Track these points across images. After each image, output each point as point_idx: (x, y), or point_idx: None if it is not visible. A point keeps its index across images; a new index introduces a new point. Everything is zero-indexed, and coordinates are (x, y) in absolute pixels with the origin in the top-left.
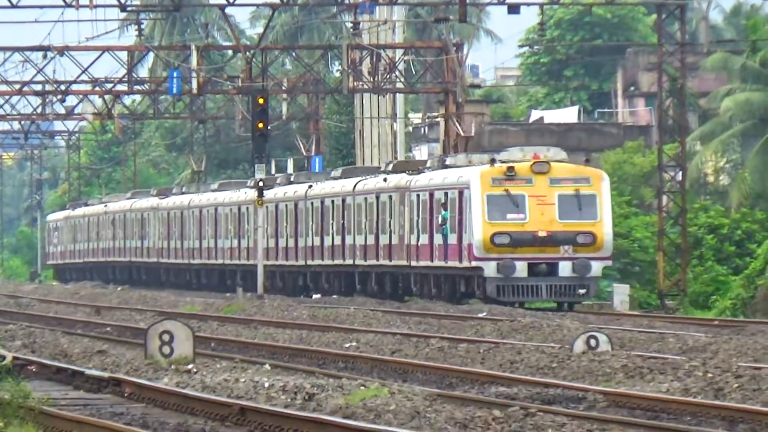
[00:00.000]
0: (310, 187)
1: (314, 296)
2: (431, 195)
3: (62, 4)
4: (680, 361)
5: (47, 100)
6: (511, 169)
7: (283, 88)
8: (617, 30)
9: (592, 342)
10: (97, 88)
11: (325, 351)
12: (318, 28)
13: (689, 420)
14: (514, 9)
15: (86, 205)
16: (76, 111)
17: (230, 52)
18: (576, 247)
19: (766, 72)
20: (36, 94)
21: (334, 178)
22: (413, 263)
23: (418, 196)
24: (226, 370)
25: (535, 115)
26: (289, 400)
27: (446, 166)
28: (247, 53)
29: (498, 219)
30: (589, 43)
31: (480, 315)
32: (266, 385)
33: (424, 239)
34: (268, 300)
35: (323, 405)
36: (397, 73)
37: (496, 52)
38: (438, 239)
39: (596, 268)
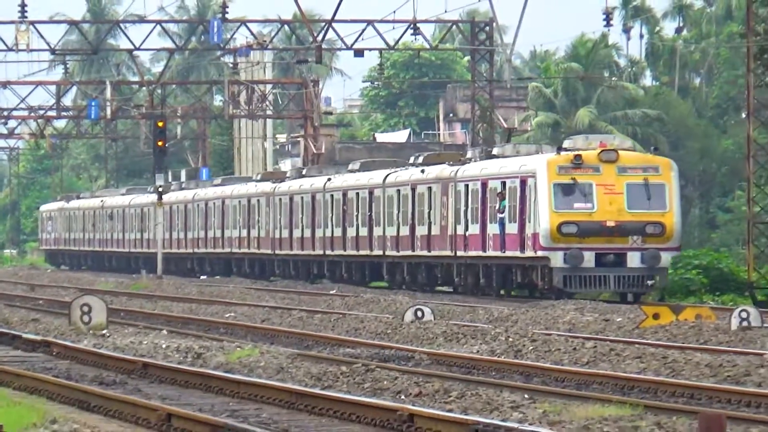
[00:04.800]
0: (329, 179)
1: (201, 277)
2: (484, 184)
3: (5, 48)
4: (488, 328)
5: None
6: (578, 157)
7: (178, 114)
8: (440, 69)
9: (419, 313)
10: (32, 114)
11: (210, 320)
12: (205, 68)
13: (494, 374)
14: (359, 53)
15: (78, 198)
16: (16, 132)
17: (137, 86)
18: (645, 238)
19: (554, 101)
20: None
21: (352, 171)
22: (459, 253)
23: (466, 186)
24: (132, 335)
25: (378, 138)
26: (181, 357)
27: (492, 156)
28: (150, 87)
29: (565, 208)
30: (417, 80)
31: (331, 292)
32: (164, 346)
33: (473, 229)
34: (166, 279)
35: (208, 362)
36: (267, 102)
37: (344, 86)
38: (493, 229)
39: (665, 258)
